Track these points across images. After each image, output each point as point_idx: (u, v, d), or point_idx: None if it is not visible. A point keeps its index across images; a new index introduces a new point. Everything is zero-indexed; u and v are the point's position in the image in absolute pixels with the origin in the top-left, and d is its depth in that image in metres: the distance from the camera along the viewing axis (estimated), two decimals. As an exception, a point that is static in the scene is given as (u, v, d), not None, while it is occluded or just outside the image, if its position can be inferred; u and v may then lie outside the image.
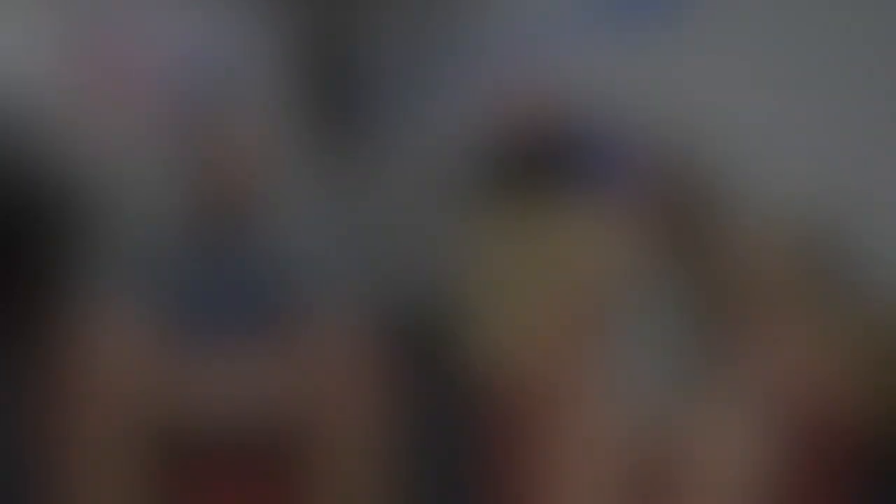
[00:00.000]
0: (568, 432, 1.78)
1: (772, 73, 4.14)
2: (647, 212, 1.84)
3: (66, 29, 6.69)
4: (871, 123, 3.64)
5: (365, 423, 1.82)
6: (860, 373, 3.28)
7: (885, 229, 3.57)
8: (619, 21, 5.01)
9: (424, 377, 4.71)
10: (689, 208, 1.82)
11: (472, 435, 3.47)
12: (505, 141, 5.20)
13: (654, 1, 4.76)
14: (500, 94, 6.02)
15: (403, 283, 7.16)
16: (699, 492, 1.65)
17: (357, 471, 1.80)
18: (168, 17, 6.81)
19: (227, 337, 1.87)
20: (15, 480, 2.87)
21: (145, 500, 1.72)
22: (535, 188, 4.86)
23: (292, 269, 1.90)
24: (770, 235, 3.51)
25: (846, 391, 1.81)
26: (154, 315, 1.83)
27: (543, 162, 4.87)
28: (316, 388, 1.80)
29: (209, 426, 1.78)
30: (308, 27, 7.25)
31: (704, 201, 1.83)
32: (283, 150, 1.97)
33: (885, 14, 3.57)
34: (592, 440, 1.73)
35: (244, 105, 1.84)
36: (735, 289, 1.83)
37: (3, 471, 3.00)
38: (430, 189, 6.97)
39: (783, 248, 3.46)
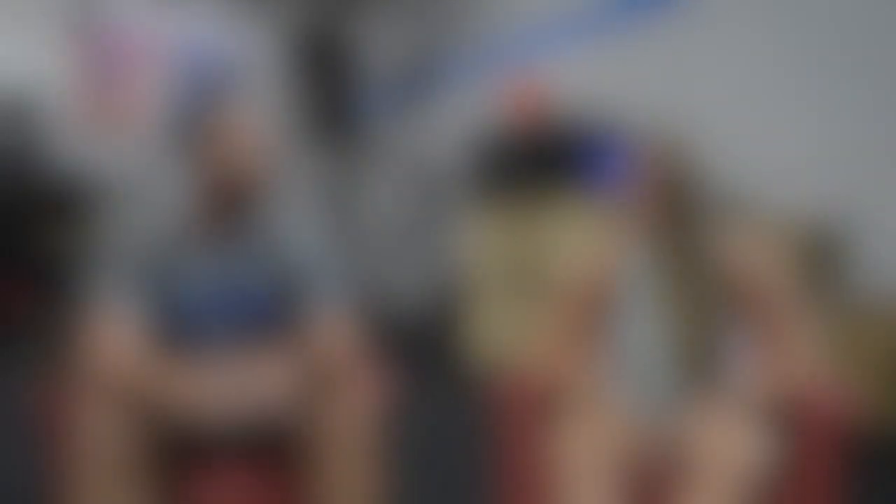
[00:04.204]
0: (567, 429, 1.78)
1: (771, 73, 4.15)
2: (645, 210, 1.84)
3: (70, 30, 6.72)
4: (871, 124, 3.64)
5: (364, 422, 1.82)
6: (859, 370, 3.28)
7: (886, 229, 3.57)
8: (618, 22, 5.04)
9: (424, 375, 4.73)
10: (688, 207, 1.82)
11: (473, 432, 3.48)
12: (503, 140, 5.22)
13: (653, 1, 4.78)
14: (497, 93, 6.06)
15: (402, 282, 7.22)
16: (699, 489, 1.65)
17: (357, 469, 1.80)
18: (171, 18, 6.86)
19: (227, 337, 1.88)
20: (16, 480, 2.87)
21: (146, 500, 1.73)
22: (535, 187, 4.87)
23: (291, 269, 1.90)
24: (770, 234, 3.52)
25: (846, 388, 1.81)
26: (154, 315, 1.84)
27: (542, 161, 4.88)
28: (316, 387, 1.81)
29: (210, 426, 1.78)
30: (308, 28, 7.28)
31: (702, 200, 1.83)
32: (284, 150, 1.97)
33: (885, 13, 3.57)
34: (592, 437, 1.74)
35: (245, 106, 1.84)
36: (733, 287, 1.84)
37: (3, 471, 3.00)
38: (429, 189, 7.02)
39: (783, 246, 3.47)
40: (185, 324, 1.86)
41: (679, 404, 1.81)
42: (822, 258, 3.59)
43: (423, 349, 5.58)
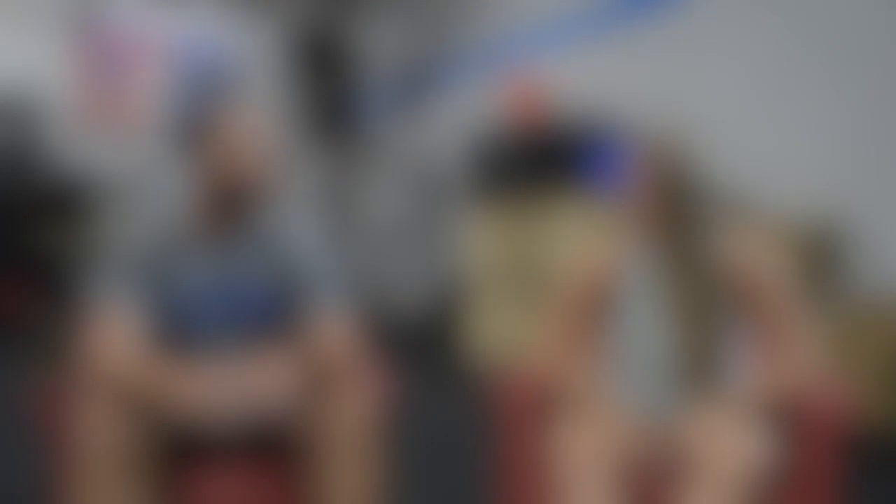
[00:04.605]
0: (567, 428, 1.78)
1: (771, 73, 4.15)
2: (645, 210, 1.84)
3: (70, 30, 6.73)
4: (871, 124, 3.64)
5: (364, 422, 1.82)
6: (860, 370, 3.28)
7: (885, 229, 3.57)
8: (618, 22, 5.03)
9: (424, 375, 4.73)
10: (688, 206, 1.82)
11: (473, 431, 3.48)
12: (503, 139, 5.22)
13: (653, 1, 4.78)
14: (497, 93, 6.06)
15: (402, 282, 7.23)
16: (699, 489, 1.65)
17: (356, 468, 1.80)
18: (171, 18, 6.87)
19: (227, 337, 1.88)
20: (16, 480, 2.87)
21: (146, 500, 1.73)
22: (535, 187, 4.87)
23: (291, 269, 1.90)
24: (769, 234, 3.51)
25: (846, 389, 1.81)
26: (154, 315, 1.84)
27: (542, 161, 4.88)
28: (315, 387, 1.81)
29: (210, 426, 1.78)
30: (308, 28, 7.29)
31: (703, 199, 1.83)
32: (284, 150, 1.97)
33: (887, 13, 3.57)
34: (591, 436, 1.74)
35: (245, 105, 1.84)
36: (734, 287, 1.83)
37: (3, 471, 3.00)
38: (429, 189, 7.03)
39: (782, 247, 3.47)
40: (185, 323, 1.86)
41: (679, 404, 1.81)
42: (821, 258, 3.59)
43: (424, 349, 5.58)
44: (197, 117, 1.85)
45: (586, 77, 5.24)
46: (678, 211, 1.81)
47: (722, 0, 4.36)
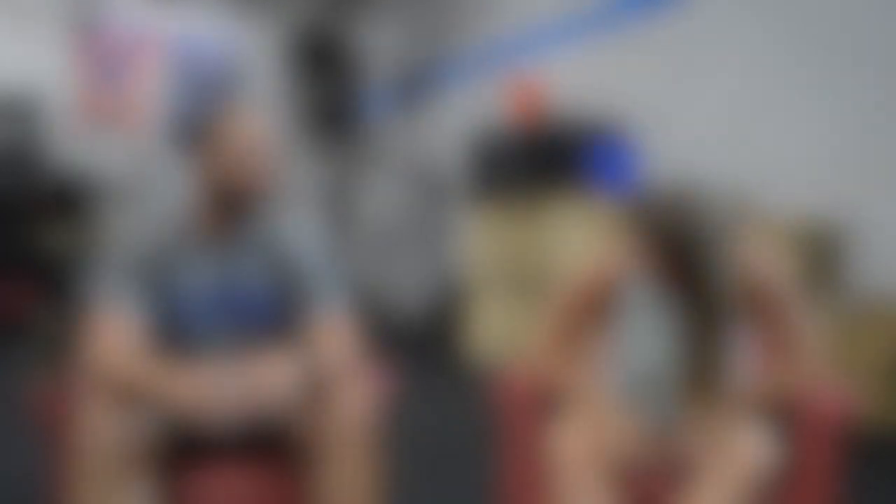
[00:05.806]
0: (565, 428, 1.78)
1: (771, 73, 4.14)
2: (645, 210, 1.84)
3: (70, 30, 6.74)
4: (871, 124, 3.64)
5: (364, 422, 1.82)
6: (860, 370, 3.28)
7: (886, 229, 3.57)
8: (617, 22, 5.03)
9: (423, 375, 4.72)
10: (688, 207, 1.82)
11: (472, 431, 3.48)
12: (503, 140, 5.22)
13: (653, 1, 4.77)
14: (497, 93, 6.06)
15: (403, 282, 7.24)
16: (701, 490, 1.65)
17: (357, 468, 1.80)
18: (172, 18, 6.89)
19: (227, 337, 1.88)
20: (15, 480, 2.87)
21: (145, 499, 1.73)
22: (535, 187, 4.87)
23: (291, 269, 1.90)
24: (770, 235, 3.51)
25: (846, 388, 1.81)
26: (154, 315, 1.84)
27: (542, 161, 4.88)
28: (316, 388, 1.81)
29: (210, 426, 1.78)
30: (309, 28, 7.29)
31: (704, 201, 1.82)
32: (284, 151, 1.96)
33: (886, 14, 3.57)
34: (590, 436, 1.74)
35: (245, 105, 1.84)
36: (736, 287, 1.83)
37: (2, 470, 3.00)
38: (429, 189, 7.03)
39: (783, 247, 3.47)
40: (185, 323, 1.86)
41: (682, 405, 1.81)
42: (821, 259, 3.59)
43: (423, 349, 5.59)
44: (197, 117, 1.85)
45: (586, 77, 5.24)
46: (681, 211, 1.80)
47: (722, 0, 4.36)
